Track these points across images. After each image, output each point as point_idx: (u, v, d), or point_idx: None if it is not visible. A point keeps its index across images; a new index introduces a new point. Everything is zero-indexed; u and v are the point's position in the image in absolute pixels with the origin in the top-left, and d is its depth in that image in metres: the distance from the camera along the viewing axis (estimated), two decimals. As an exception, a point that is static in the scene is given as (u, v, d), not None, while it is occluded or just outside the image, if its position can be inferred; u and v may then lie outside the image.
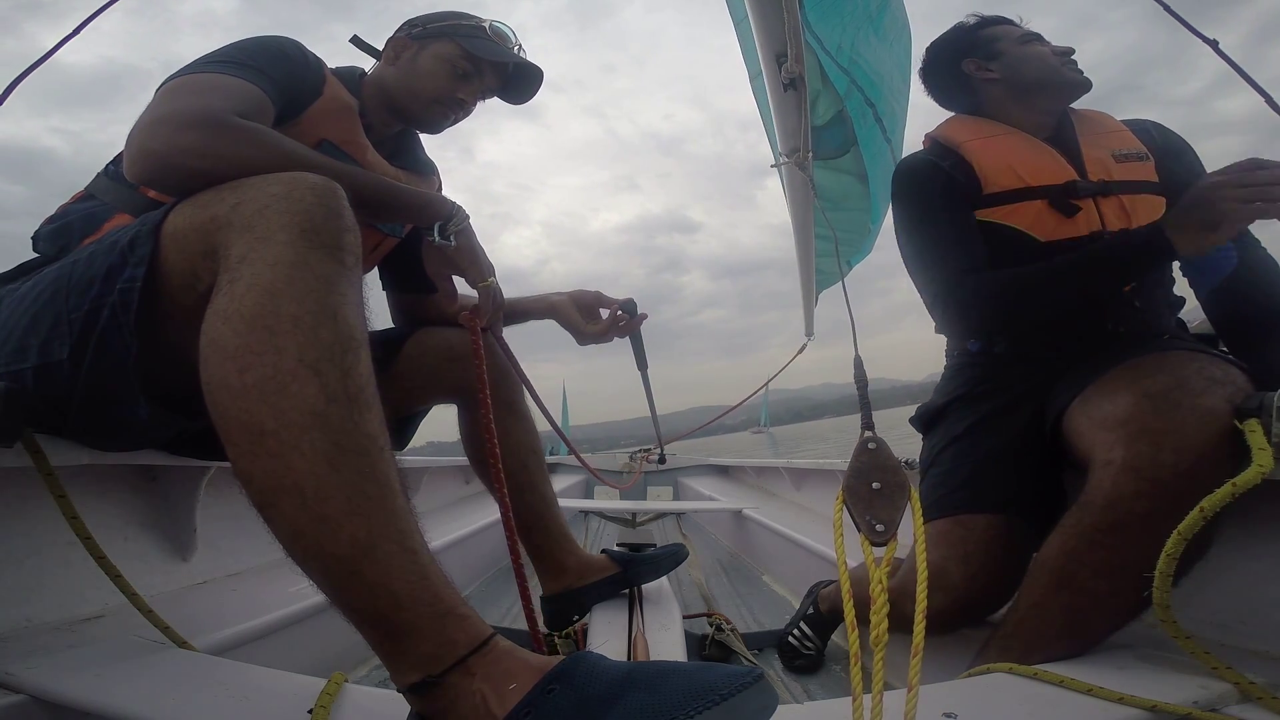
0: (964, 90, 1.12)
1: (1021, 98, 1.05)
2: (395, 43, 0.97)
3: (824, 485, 2.20)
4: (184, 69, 0.73)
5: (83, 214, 0.76)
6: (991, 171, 1.00)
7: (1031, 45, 1.05)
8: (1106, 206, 0.95)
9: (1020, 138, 1.03)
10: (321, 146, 0.83)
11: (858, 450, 0.61)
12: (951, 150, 1.04)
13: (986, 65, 1.07)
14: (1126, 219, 0.95)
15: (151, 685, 0.58)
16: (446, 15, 0.99)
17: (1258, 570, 0.74)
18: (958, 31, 1.13)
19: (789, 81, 1.72)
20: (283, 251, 0.52)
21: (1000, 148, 1.02)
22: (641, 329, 1.18)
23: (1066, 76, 1.02)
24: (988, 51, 1.07)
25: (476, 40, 0.97)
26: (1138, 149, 0.99)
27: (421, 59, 0.96)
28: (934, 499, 0.93)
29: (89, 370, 0.62)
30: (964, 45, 1.11)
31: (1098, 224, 0.95)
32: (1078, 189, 0.95)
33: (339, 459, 0.48)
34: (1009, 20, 1.11)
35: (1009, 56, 1.05)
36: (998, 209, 0.98)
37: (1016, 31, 1.08)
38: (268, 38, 0.82)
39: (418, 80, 0.96)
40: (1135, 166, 0.97)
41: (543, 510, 1.03)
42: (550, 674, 0.45)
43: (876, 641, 0.49)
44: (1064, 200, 0.95)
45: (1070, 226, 0.95)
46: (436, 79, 0.96)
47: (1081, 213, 0.95)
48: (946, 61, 1.13)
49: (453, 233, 0.83)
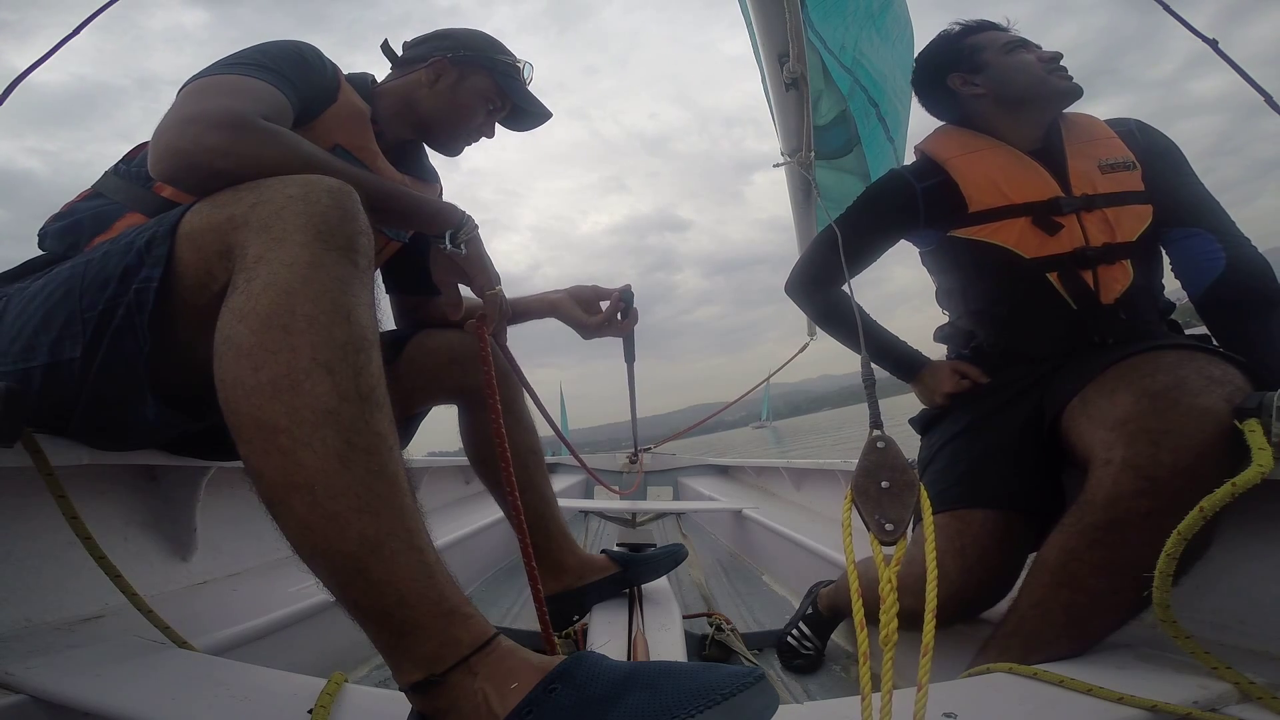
0: (951, 105, 1.12)
1: (1009, 111, 1.04)
2: (436, 65, 0.99)
3: (824, 485, 2.20)
4: (207, 70, 0.74)
5: (92, 212, 0.76)
6: (976, 190, 1.01)
7: (1016, 54, 1.04)
8: (1090, 221, 0.96)
9: (1005, 153, 1.03)
10: (334, 151, 0.84)
11: (866, 449, 0.61)
12: (937, 167, 1.05)
13: (972, 80, 1.07)
14: (1110, 232, 0.95)
15: (151, 685, 0.58)
16: (480, 42, 1.02)
17: (1258, 570, 0.74)
18: (941, 43, 1.13)
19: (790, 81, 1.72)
20: (299, 252, 0.53)
21: (985, 164, 1.02)
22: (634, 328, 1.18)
23: (1055, 86, 1.01)
24: (972, 64, 1.07)
25: (513, 83, 1.03)
26: (1124, 157, 0.99)
27: (461, 90, 1.00)
28: (931, 495, 0.93)
29: (100, 369, 0.62)
30: (948, 59, 1.10)
31: (1081, 239, 0.96)
32: (1061, 205, 0.96)
33: (350, 457, 0.48)
34: (994, 25, 1.10)
35: (994, 68, 1.05)
36: (984, 227, 1.00)
37: (1001, 39, 1.07)
38: (287, 42, 0.82)
39: (456, 112, 1.00)
40: (1120, 177, 0.98)
41: (543, 510, 1.03)
42: (552, 674, 0.45)
43: (886, 641, 0.49)
44: (1047, 218, 0.97)
45: (1055, 243, 0.96)
46: (475, 114, 1.02)
47: (1065, 229, 0.96)
48: (932, 77, 1.13)
49: (463, 241, 0.84)
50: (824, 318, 1.17)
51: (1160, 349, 0.78)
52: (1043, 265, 0.96)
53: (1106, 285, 0.95)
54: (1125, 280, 0.95)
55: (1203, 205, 0.97)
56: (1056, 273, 0.96)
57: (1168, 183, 0.98)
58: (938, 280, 1.15)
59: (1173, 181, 0.98)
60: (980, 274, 1.03)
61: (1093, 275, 0.95)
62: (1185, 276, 0.97)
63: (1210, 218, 0.96)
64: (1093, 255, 0.95)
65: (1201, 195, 0.98)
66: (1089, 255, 0.95)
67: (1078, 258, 0.95)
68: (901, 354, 1.13)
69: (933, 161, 1.06)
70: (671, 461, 3.86)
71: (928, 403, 1.10)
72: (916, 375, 1.11)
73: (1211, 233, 0.94)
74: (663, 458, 3.94)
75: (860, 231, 1.10)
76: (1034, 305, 0.99)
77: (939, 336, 1.17)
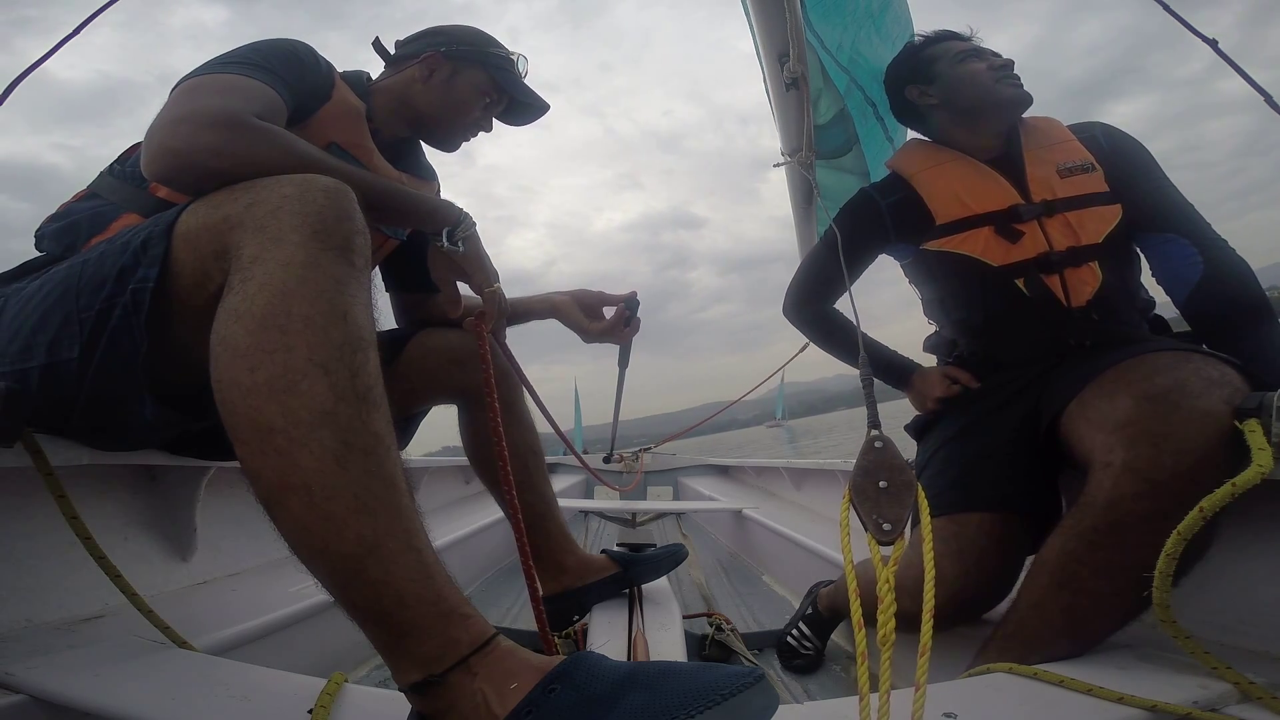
0: (914, 116, 1.15)
1: (963, 121, 1.06)
2: (429, 60, 0.98)
3: (824, 485, 2.20)
4: (200, 69, 0.73)
5: (89, 213, 0.76)
6: (940, 203, 1.03)
7: (966, 64, 1.05)
8: (1051, 226, 0.97)
9: (965, 164, 1.04)
10: (329, 149, 0.84)
11: (864, 449, 0.61)
12: (903, 182, 1.07)
13: (927, 91, 1.08)
14: (1073, 236, 0.96)
15: (151, 685, 0.58)
16: (473, 36, 1.01)
17: (1258, 570, 0.74)
18: (903, 54, 1.14)
19: (791, 81, 1.72)
20: (295, 253, 0.52)
21: (946, 177, 1.04)
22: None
23: (1002, 94, 1.02)
24: (927, 75, 1.08)
25: (508, 76, 1.02)
26: (1083, 159, 0.99)
27: (456, 85, 0.99)
28: (927, 500, 0.93)
29: (97, 370, 0.62)
30: (906, 70, 1.12)
31: (1044, 245, 0.96)
32: (1020, 213, 0.97)
33: (347, 457, 0.48)
34: (955, 35, 1.11)
35: (944, 79, 1.06)
36: (951, 239, 1.01)
37: (955, 48, 1.07)
38: (280, 40, 0.82)
39: (452, 107, 0.99)
40: (1080, 180, 0.98)
41: (542, 510, 1.03)
42: (551, 674, 0.45)
43: (884, 641, 0.49)
44: (1008, 226, 0.98)
45: (1019, 250, 0.97)
46: (470, 108, 1.00)
47: (1026, 236, 0.97)
48: (894, 89, 1.15)
49: (461, 239, 0.84)
50: (821, 335, 1.20)
51: (1158, 351, 0.78)
52: (1010, 272, 0.97)
53: (1075, 288, 0.95)
54: (1094, 282, 0.95)
55: (1176, 210, 0.97)
56: (1023, 279, 0.97)
57: (1137, 186, 0.98)
58: (920, 291, 1.17)
59: (1143, 185, 0.98)
60: (955, 284, 1.05)
61: (1060, 279, 0.96)
62: (1166, 284, 0.97)
63: (1184, 222, 0.96)
64: (1057, 259, 0.95)
65: (1175, 199, 0.98)
66: (1053, 260, 0.95)
67: (1041, 263, 0.96)
68: (893, 361, 1.15)
69: (899, 177, 1.09)
70: (671, 461, 3.86)
71: (920, 408, 1.11)
72: (908, 382, 1.12)
73: (1186, 238, 0.94)
74: (663, 458, 3.94)
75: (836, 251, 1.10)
76: (1008, 312, 0.99)
77: (928, 346, 1.19)
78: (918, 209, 1.04)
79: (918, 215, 1.04)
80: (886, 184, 1.10)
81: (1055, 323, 0.96)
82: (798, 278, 1.22)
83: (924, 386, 1.09)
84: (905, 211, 1.05)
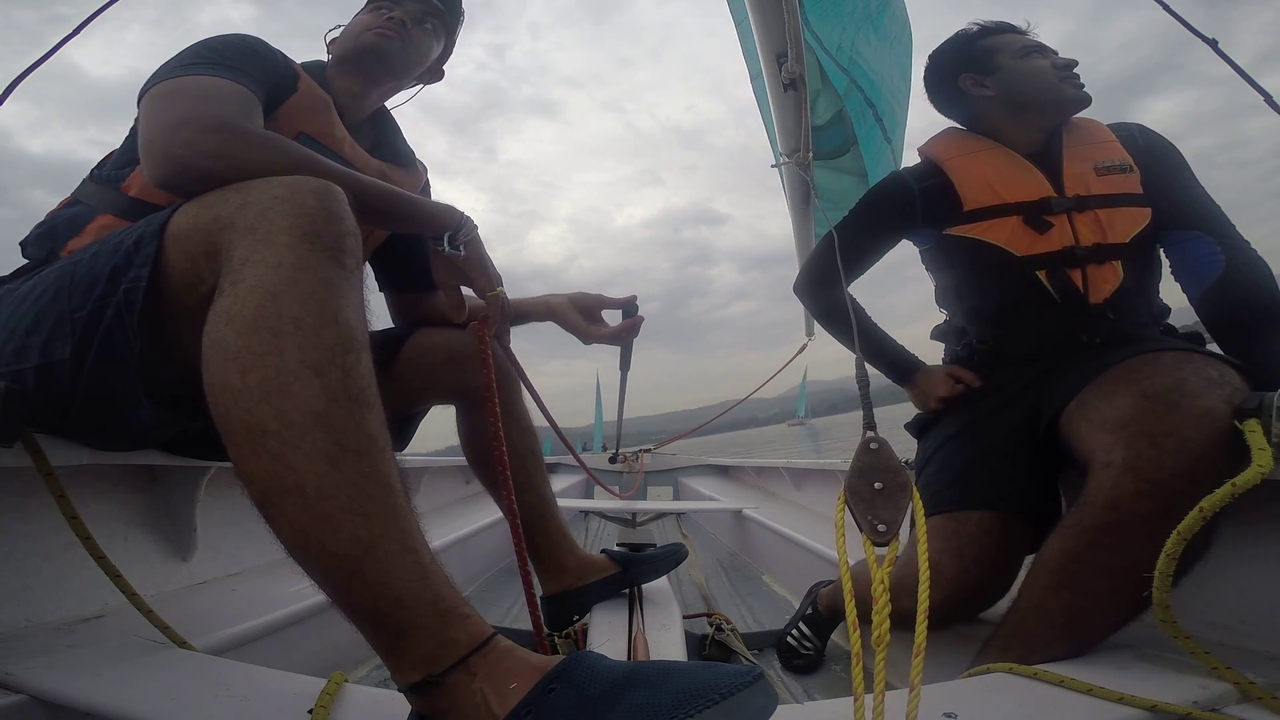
0: (960, 104, 1.13)
1: (1016, 114, 1.05)
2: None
3: (824, 485, 2.20)
4: (164, 72, 0.72)
5: (67, 218, 0.77)
6: (970, 189, 1.02)
7: (1031, 60, 1.04)
8: (1081, 221, 0.97)
9: (1002, 154, 1.04)
10: (299, 139, 0.83)
11: (860, 450, 0.61)
12: (936, 169, 1.07)
13: (983, 81, 1.08)
14: (1101, 233, 0.96)
15: (151, 685, 0.58)
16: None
17: (1258, 570, 0.74)
18: (957, 42, 1.13)
19: (789, 82, 1.72)
20: (285, 254, 0.52)
21: (981, 165, 1.04)
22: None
23: (1065, 94, 1.02)
24: (985, 66, 1.08)
25: None
26: (1121, 160, 0.99)
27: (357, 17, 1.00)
28: (927, 496, 0.94)
29: (91, 370, 0.62)
30: (962, 59, 1.11)
31: (1070, 238, 0.96)
32: (1051, 205, 0.97)
33: (340, 459, 0.48)
34: (1014, 28, 1.10)
35: (1006, 72, 1.05)
36: (976, 225, 1.01)
37: (1018, 43, 1.07)
38: (233, 36, 0.81)
39: (351, 30, 0.99)
40: (1116, 179, 0.98)
41: (542, 510, 1.03)
42: (551, 673, 0.45)
43: (878, 641, 0.49)
44: (1037, 216, 0.98)
45: (1044, 241, 0.97)
46: (363, 19, 0.99)
47: (1055, 228, 0.97)
48: (944, 75, 1.14)
49: (462, 243, 0.83)
50: (825, 316, 1.19)
51: (1158, 351, 0.78)
52: (1033, 263, 0.97)
53: (1095, 285, 0.95)
54: (1115, 281, 0.95)
55: (1203, 208, 0.97)
56: (1045, 270, 0.97)
57: (1167, 185, 0.99)
58: (936, 279, 1.16)
59: (1173, 184, 0.99)
60: (974, 271, 1.05)
61: (1081, 274, 0.96)
62: (1184, 279, 0.97)
63: (1210, 221, 0.96)
64: (1082, 254, 0.95)
65: (1202, 199, 0.98)
66: (1078, 254, 0.95)
67: (1066, 256, 0.96)
68: (897, 357, 1.15)
69: (932, 163, 1.08)
70: (671, 461, 3.86)
71: (921, 407, 1.11)
72: (910, 379, 1.12)
73: (1211, 236, 0.94)
74: (663, 458, 3.94)
75: (862, 231, 1.11)
76: (1024, 302, 1.00)
77: (935, 334, 1.19)
78: (948, 194, 1.03)
79: (947, 200, 1.03)
80: (920, 170, 1.10)
81: (1071, 316, 0.96)
82: (813, 256, 1.21)
83: (927, 385, 1.09)
84: (936, 196, 1.05)
